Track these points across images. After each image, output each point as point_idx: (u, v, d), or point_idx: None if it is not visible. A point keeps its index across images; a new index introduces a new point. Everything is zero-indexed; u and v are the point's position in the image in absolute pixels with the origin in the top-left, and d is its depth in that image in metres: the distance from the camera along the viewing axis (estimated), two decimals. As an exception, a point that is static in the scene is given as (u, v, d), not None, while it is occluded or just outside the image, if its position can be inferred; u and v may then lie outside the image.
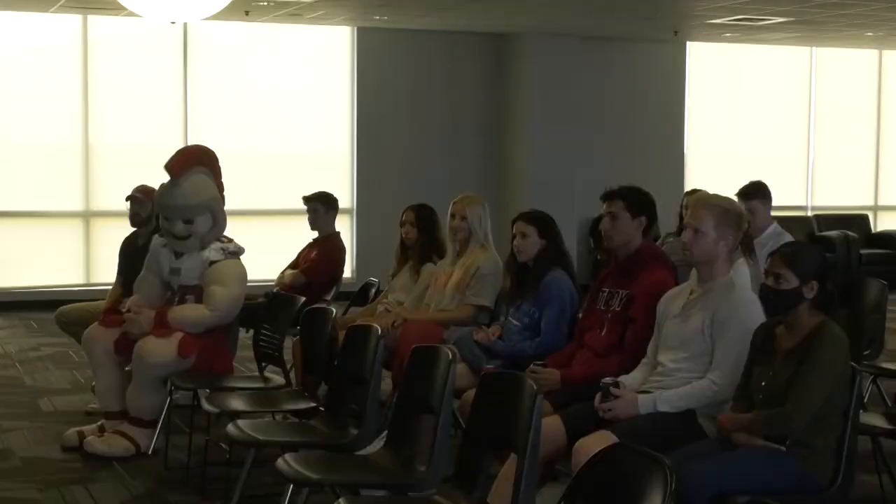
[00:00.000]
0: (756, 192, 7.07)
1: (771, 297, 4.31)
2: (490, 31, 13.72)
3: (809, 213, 15.58)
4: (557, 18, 12.47)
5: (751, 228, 4.95)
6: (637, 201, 5.26)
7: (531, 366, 5.16)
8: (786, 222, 15.31)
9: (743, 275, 4.74)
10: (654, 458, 3.07)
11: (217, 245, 6.50)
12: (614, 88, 14.49)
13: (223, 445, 5.79)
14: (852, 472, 4.24)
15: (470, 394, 4.84)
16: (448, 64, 13.93)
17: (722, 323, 4.54)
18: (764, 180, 7.51)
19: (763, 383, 4.27)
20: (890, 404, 6.09)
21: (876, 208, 16.17)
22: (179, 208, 6.46)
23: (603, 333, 5.16)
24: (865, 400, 6.30)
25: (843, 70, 15.84)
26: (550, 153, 13.66)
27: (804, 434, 4.14)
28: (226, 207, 6.66)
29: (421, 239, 7.01)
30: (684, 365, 4.62)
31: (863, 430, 4.86)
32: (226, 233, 6.66)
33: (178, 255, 6.52)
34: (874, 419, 5.40)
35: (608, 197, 5.29)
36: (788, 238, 7.13)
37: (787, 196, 15.49)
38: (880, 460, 5.56)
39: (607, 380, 4.61)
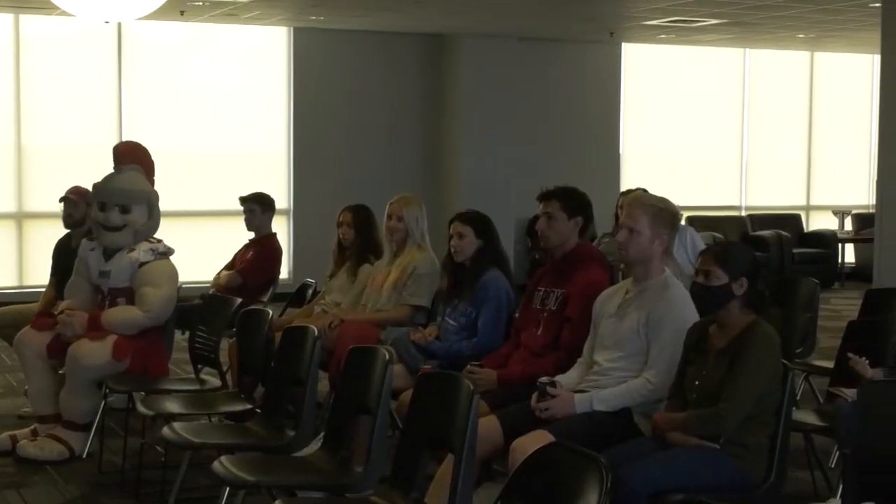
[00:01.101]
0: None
1: (701, 294, 4.36)
2: (427, 31, 13.73)
3: (743, 213, 15.74)
4: (494, 19, 12.51)
5: None
6: (573, 201, 5.29)
7: (468, 366, 5.17)
8: (720, 222, 15.53)
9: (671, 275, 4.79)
10: (589, 456, 3.09)
11: (146, 246, 6.44)
12: (551, 89, 14.55)
13: (159, 448, 5.74)
14: (785, 469, 4.30)
15: (407, 394, 4.85)
16: (385, 64, 13.91)
17: (657, 322, 4.57)
18: (699, 180, 7.59)
19: (696, 382, 4.31)
20: (822, 401, 6.16)
21: (808, 208, 16.37)
22: (118, 192, 6.40)
23: (539, 333, 5.19)
24: (798, 397, 6.39)
25: (775, 71, 16.02)
26: (487, 154, 13.70)
27: (737, 432, 4.18)
28: (161, 208, 6.62)
29: (358, 239, 7.00)
30: (620, 364, 4.65)
31: (795, 428, 4.92)
32: (158, 234, 6.61)
33: (107, 257, 6.45)
34: (806, 416, 5.46)
35: (544, 197, 5.32)
36: (693, 232, 7.28)
37: (721, 196, 15.66)
38: (812, 456, 5.63)
39: (543, 379, 4.64)
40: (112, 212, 6.41)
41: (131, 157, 6.56)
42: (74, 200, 7.41)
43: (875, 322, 6.01)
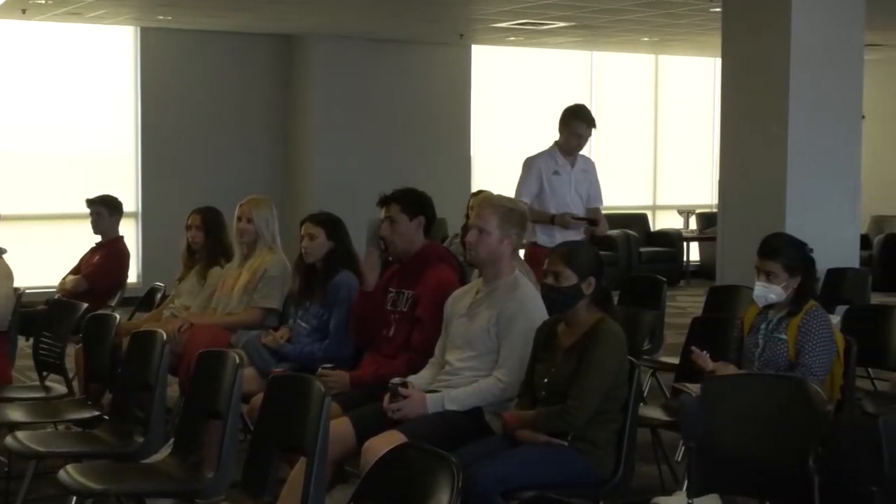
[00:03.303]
0: None
1: (553, 295, 4.42)
2: (278, 32, 13.64)
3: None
4: (345, 20, 12.49)
5: None
6: (413, 202, 5.30)
7: (320, 369, 5.16)
8: (569, 222, 15.66)
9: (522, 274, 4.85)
10: (440, 456, 3.11)
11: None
12: (402, 90, 14.59)
13: (2, 458, 5.59)
14: (632, 464, 4.39)
15: (258, 398, 4.81)
16: (236, 65, 13.78)
17: (507, 321, 4.62)
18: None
19: (545, 380, 4.37)
20: (668, 397, 6.30)
21: (654, 208, 16.71)
22: None
23: (390, 334, 5.20)
24: (645, 393, 6.52)
25: (622, 74, 16.32)
26: (339, 155, 13.66)
27: (585, 428, 4.25)
28: (3, 211, 6.44)
29: (207, 242, 6.91)
30: (471, 363, 4.68)
31: (642, 423, 5.03)
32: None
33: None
34: (653, 411, 5.58)
35: (384, 202, 5.32)
36: None
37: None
38: (659, 451, 5.76)
39: (395, 380, 4.65)
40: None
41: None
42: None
43: (718, 318, 6.18)
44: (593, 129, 7.75)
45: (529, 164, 7.75)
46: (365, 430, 4.51)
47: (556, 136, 7.74)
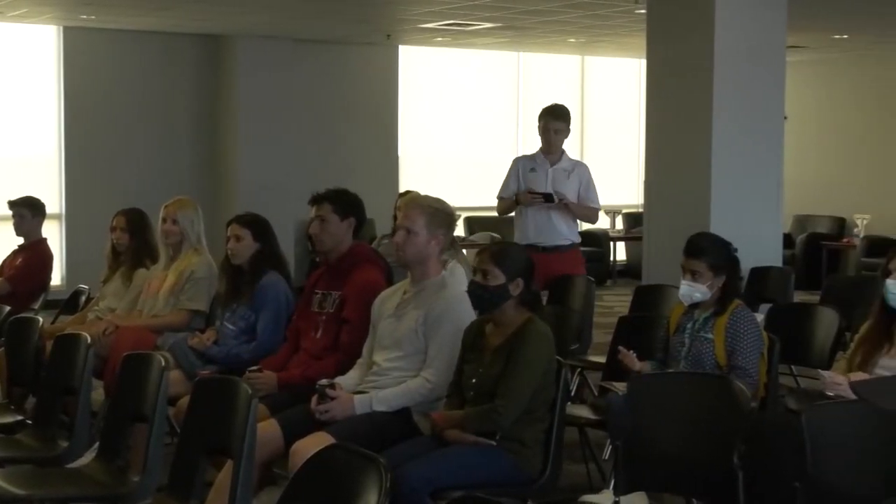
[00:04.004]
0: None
1: (479, 293, 4.44)
2: (204, 32, 13.53)
3: (520, 213, 16.03)
4: (270, 21, 12.42)
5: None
6: (345, 203, 5.31)
7: (247, 371, 5.13)
8: (498, 223, 15.77)
9: (460, 275, 4.86)
10: (368, 457, 3.10)
11: None
12: (329, 91, 14.55)
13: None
14: (560, 463, 4.42)
15: (185, 400, 4.77)
16: (160, 65, 13.65)
17: (435, 321, 4.63)
18: (475, 182, 7.78)
19: (473, 380, 4.38)
20: (596, 395, 6.34)
21: (581, 208, 16.78)
22: None
23: (318, 335, 5.19)
24: (573, 392, 6.56)
25: (548, 74, 16.39)
26: (265, 155, 13.59)
27: (513, 428, 4.27)
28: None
29: (132, 244, 6.85)
30: (399, 364, 4.68)
31: (570, 422, 5.06)
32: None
33: None
34: (581, 410, 5.61)
35: (316, 201, 5.33)
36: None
37: (498, 197, 15.93)
38: (587, 450, 5.80)
39: (323, 382, 4.64)
40: None
41: None
42: None
43: (644, 317, 6.23)
44: (564, 124, 7.93)
45: (513, 163, 8.06)
46: (293, 432, 4.49)
47: (480, 136, 7.88)
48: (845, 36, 13.67)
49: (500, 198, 8.06)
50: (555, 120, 7.88)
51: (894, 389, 1.86)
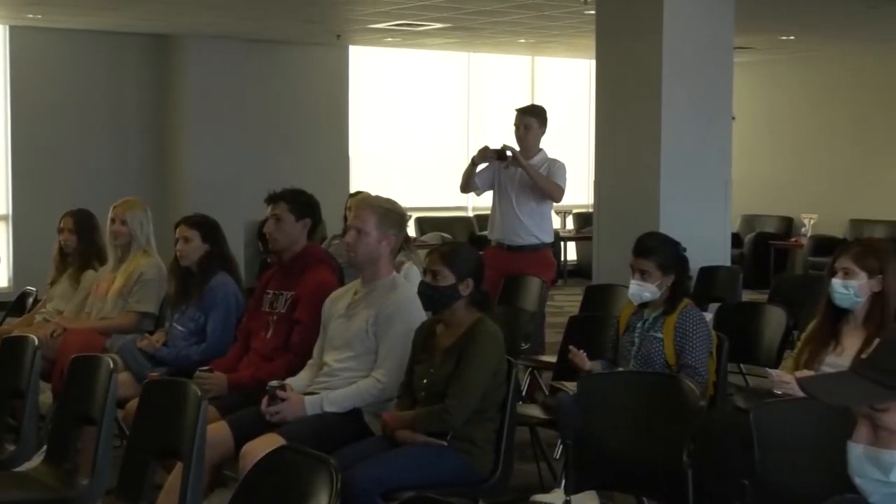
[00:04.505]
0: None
1: (429, 294, 4.44)
2: (153, 32, 13.44)
3: (470, 214, 16.07)
4: (219, 20, 12.36)
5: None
6: (301, 203, 5.31)
7: (197, 372, 5.10)
8: (448, 223, 15.79)
9: (415, 276, 4.86)
10: (319, 458, 3.09)
11: None
12: (279, 91, 14.50)
13: None
14: (511, 462, 4.42)
15: (134, 403, 4.74)
16: (109, 65, 13.55)
17: (385, 322, 4.63)
18: (426, 183, 7.78)
19: (424, 381, 4.38)
20: (547, 395, 6.36)
21: (532, 208, 16.83)
22: None
23: (268, 336, 5.17)
24: (524, 392, 6.58)
25: (499, 75, 16.43)
26: (215, 156, 13.53)
27: (464, 428, 4.27)
28: None
29: (80, 245, 6.79)
30: (350, 364, 4.68)
31: (521, 422, 5.07)
32: None
33: None
34: (532, 410, 5.63)
35: (272, 200, 5.33)
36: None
37: (449, 197, 15.94)
38: (538, 449, 5.81)
39: (273, 383, 4.62)
40: None
41: None
42: None
43: (594, 317, 6.26)
44: (533, 120, 7.93)
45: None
46: (243, 434, 4.48)
47: (431, 137, 7.88)
48: (792, 37, 13.80)
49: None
50: (523, 115, 7.91)
51: (841, 386, 1.88)
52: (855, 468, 1.91)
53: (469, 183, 7.95)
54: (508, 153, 7.66)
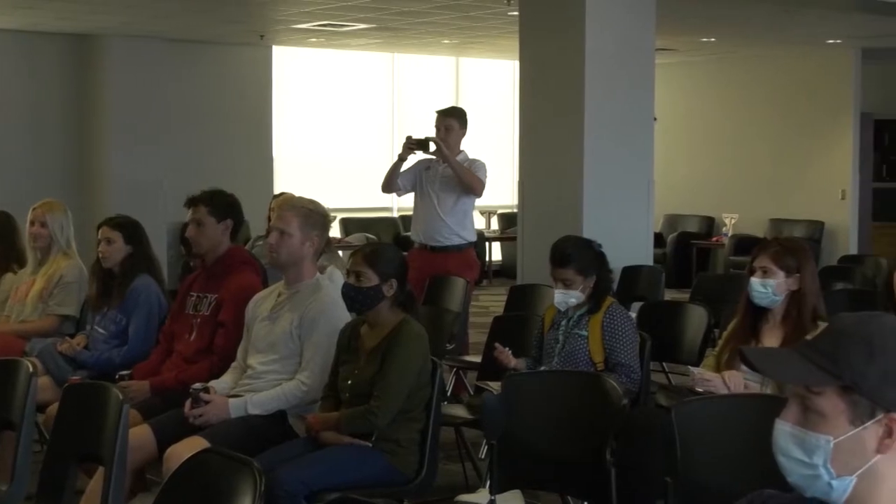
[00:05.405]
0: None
1: (353, 295, 4.44)
2: (72, 31, 13.26)
3: (395, 214, 16.07)
4: (140, 20, 12.22)
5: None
6: (221, 205, 5.26)
7: (118, 381, 5.04)
8: (373, 223, 15.77)
9: (339, 279, 4.84)
10: (242, 461, 3.07)
11: None
12: (202, 91, 14.38)
13: None
14: (436, 463, 4.44)
15: (55, 407, 4.68)
16: (27, 65, 13.35)
17: (310, 324, 4.61)
18: (350, 184, 7.78)
19: (349, 382, 4.38)
20: (472, 395, 6.38)
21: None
22: None
23: (192, 339, 5.13)
24: (448, 392, 6.59)
25: (423, 76, 16.44)
26: (137, 157, 13.38)
27: (389, 429, 4.28)
28: None
29: (-1, 248, 6.70)
30: (274, 367, 4.66)
31: (446, 422, 5.09)
32: None
33: None
34: (457, 410, 5.64)
35: (191, 203, 5.26)
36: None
37: (374, 198, 15.93)
38: (463, 449, 5.83)
39: (196, 386, 4.59)
40: None
41: None
42: None
43: (519, 316, 6.29)
44: (454, 121, 7.99)
45: (414, 164, 8.06)
46: (166, 437, 4.45)
47: (355, 137, 7.88)
48: (712, 39, 13.96)
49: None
50: (444, 117, 7.95)
51: (783, 362, 1.91)
52: (780, 446, 1.94)
53: (392, 182, 7.96)
54: (432, 145, 7.70)
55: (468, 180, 7.73)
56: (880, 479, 1.88)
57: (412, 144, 7.77)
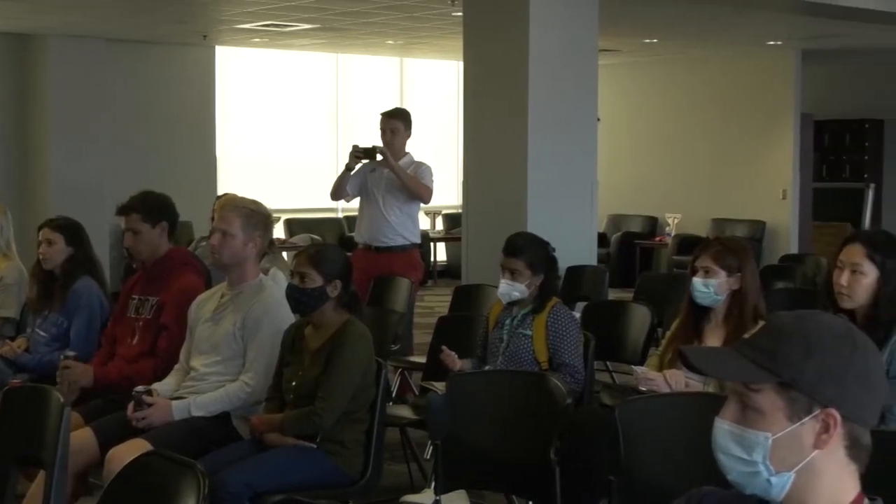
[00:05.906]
0: None
1: (297, 296, 4.42)
2: (11, 31, 13.11)
3: (340, 215, 16.03)
4: (81, 20, 12.10)
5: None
6: (153, 209, 5.20)
7: (64, 358, 4.99)
8: (318, 224, 15.72)
9: (282, 280, 4.82)
10: (185, 463, 3.05)
11: None
12: (144, 92, 14.26)
13: None
14: (380, 463, 4.43)
15: (-6, 411, 4.63)
16: (-33, 64, 13.21)
17: (253, 325, 4.59)
18: (294, 184, 7.74)
19: (293, 383, 4.37)
20: (417, 395, 6.38)
21: (402, 209, 16.84)
22: None
23: (134, 342, 5.08)
24: (393, 393, 6.58)
25: (367, 76, 16.42)
26: (78, 157, 13.26)
27: (334, 430, 4.27)
28: None
29: (-63, 250, 6.61)
30: (217, 368, 4.63)
31: (391, 422, 5.08)
32: None
33: None
34: (402, 410, 5.64)
35: (124, 212, 5.19)
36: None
37: (318, 199, 15.87)
38: (408, 449, 5.83)
39: (139, 388, 4.56)
40: None
41: None
42: None
43: (463, 317, 6.30)
44: (399, 123, 7.96)
45: (360, 167, 7.95)
46: (108, 440, 4.41)
47: (299, 138, 7.83)
48: (655, 40, 14.05)
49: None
50: (389, 119, 7.94)
51: (721, 360, 1.93)
52: (719, 444, 1.95)
53: (340, 190, 7.92)
54: (379, 156, 7.67)
55: (415, 188, 7.73)
56: (818, 474, 1.90)
57: (358, 153, 7.74)
